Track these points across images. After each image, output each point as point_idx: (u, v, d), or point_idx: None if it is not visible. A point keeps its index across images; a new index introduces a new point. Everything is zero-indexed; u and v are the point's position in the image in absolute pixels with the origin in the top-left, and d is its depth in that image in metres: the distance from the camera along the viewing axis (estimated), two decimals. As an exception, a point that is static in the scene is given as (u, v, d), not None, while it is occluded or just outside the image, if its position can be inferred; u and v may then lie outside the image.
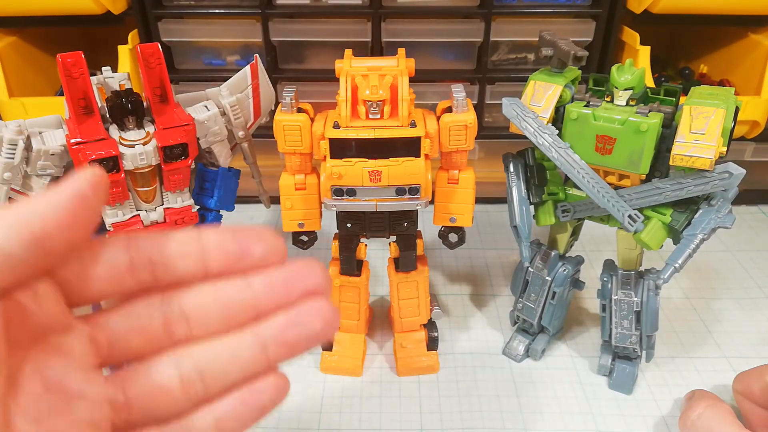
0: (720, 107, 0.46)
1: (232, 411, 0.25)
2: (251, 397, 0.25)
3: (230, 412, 0.25)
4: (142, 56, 0.49)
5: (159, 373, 0.24)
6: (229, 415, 0.25)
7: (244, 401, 0.25)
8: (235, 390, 0.25)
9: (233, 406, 0.25)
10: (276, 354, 0.25)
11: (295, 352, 0.25)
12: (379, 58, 0.54)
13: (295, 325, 0.25)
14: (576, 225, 0.60)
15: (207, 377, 0.25)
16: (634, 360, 0.58)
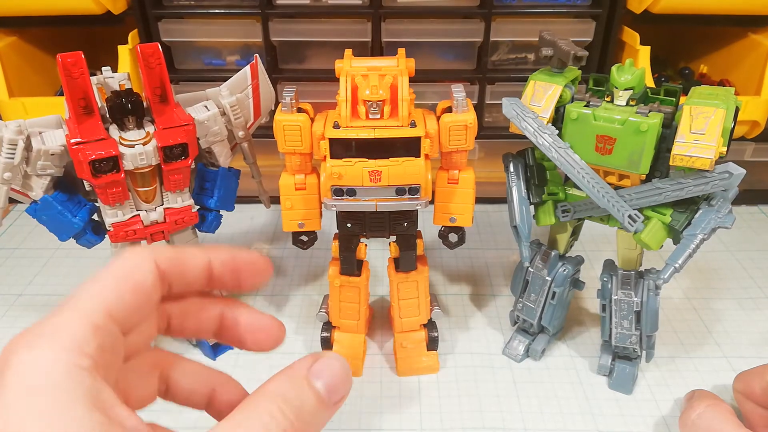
0: (720, 107, 0.46)
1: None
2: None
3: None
4: (142, 56, 0.49)
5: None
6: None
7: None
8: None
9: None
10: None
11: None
12: (379, 58, 0.54)
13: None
14: (576, 225, 0.60)
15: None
16: (634, 360, 0.58)
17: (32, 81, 0.81)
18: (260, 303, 0.70)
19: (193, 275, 0.27)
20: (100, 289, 0.23)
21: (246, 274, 0.29)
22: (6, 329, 0.66)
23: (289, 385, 0.24)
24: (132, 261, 0.25)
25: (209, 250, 0.28)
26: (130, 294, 0.24)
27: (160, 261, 0.25)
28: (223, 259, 0.28)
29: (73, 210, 0.53)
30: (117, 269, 0.24)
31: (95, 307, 0.23)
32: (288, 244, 0.59)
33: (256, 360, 0.62)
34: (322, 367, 0.24)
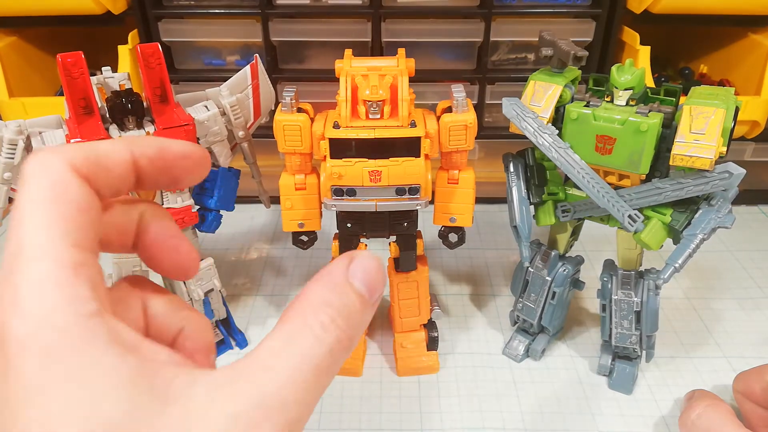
0: (720, 107, 0.46)
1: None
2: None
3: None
4: (142, 56, 0.49)
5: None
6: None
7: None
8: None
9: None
10: None
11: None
12: (379, 58, 0.54)
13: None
14: (576, 225, 0.60)
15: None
16: (634, 360, 0.58)
17: (32, 81, 0.81)
18: (260, 303, 0.70)
19: (117, 174, 0.22)
20: (46, 222, 0.19)
21: (180, 170, 0.25)
22: (6, 329, 0.66)
23: (331, 292, 0.22)
24: (51, 174, 0.20)
25: (131, 143, 0.23)
26: (78, 215, 0.20)
27: (78, 166, 0.21)
28: (150, 154, 0.23)
29: (73, 210, 0.53)
30: (42, 190, 0.20)
31: (58, 245, 0.19)
32: (288, 244, 0.59)
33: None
34: (358, 268, 0.23)
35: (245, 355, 0.20)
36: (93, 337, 0.18)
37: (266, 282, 0.74)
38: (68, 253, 0.19)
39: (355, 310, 0.22)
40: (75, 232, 0.20)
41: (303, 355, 0.20)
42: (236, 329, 0.64)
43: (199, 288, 0.59)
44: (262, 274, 0.76)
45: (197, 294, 0.58)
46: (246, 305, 0.70)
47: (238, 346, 0.64)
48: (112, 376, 0.18)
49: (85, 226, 0.20)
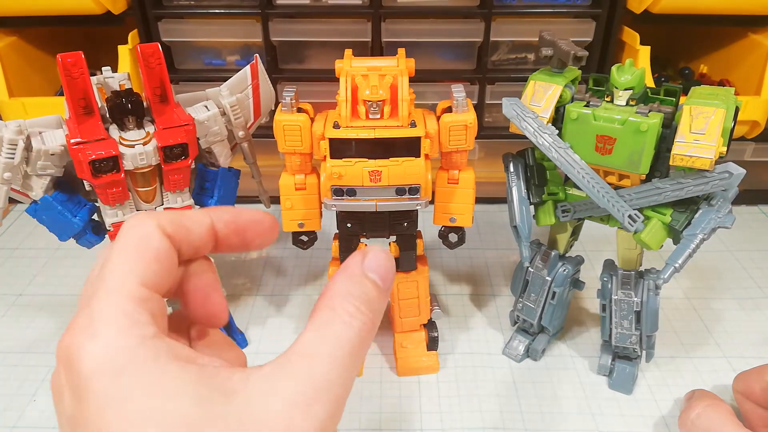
0: (720, 107, 0.46)
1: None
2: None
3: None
4: (142, 56, 0.49)
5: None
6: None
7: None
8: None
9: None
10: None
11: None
12: (379, 58, 0.54)
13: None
14: (576, 225, 0.60)
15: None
16: (634, 360, 0.58)
17: (32, 81, 0.81)
18: (260, 303, 0.70)
19: (198, 238, 0.27)
20: (126, 265, 0.24)
21: (251, 234, 0.29)
22: (6, 329, 0.66)
23: (351, 284, 0.26)
24: (141, 230, 0.25)
25: (210, 211, 0.28)
26: (154, 262, 0.24)
27: (165, 226, 0.25)
28: (226, 219, 0.28)
29: (73, 210, 0.53)
30: (130, 241, 0.25)
31: (130, 283, 0.23)
32: (288, 244, 0.59)
33: (255, 360, 0.62)
34: (372, 261, 0.26)
35: (287, 350, 0.23)
36: (156, 353, 0.21)
37: (266, 282, 0.74)
38: (137, 289, 0.23)
39: (373, 297, 0.26)
40: (148, 274, 0.24)
41: (338, 339, 0.24)
42: (236, 329, 0.64)
43: (199, 288, 0.58)
44: (262, 274, 0.76)
45: (197, 294, 0.58)
46: (246, 305, 0.70)
47: (238, 345, 0.63)
48: (178, 381, 0.21)
49: (158, 271, 0.24)
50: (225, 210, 0.28)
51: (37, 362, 0.62)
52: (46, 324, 0.67)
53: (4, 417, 0.55)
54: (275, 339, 0.65)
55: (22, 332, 0.66)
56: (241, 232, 0.28)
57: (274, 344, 0.64)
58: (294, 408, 0.21)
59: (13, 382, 0.59)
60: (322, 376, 0.22)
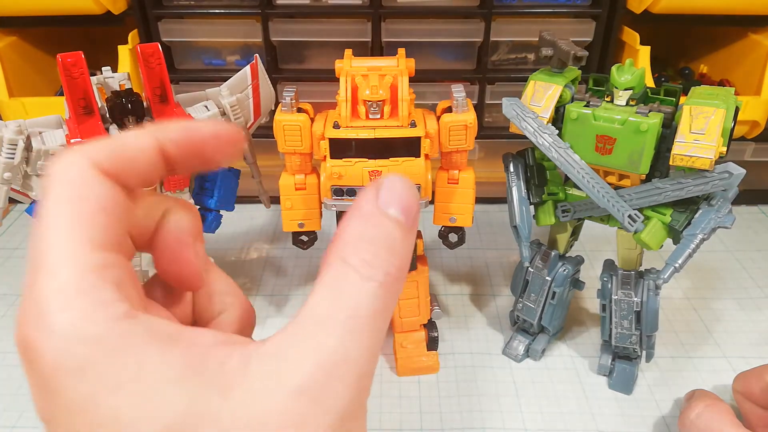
0: (720, 107, 0.46)
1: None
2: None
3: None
4: (142, 56, 0.49)
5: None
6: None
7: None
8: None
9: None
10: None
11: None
12: (379, 58, 0.54)
13: None
14: (576, 225, 0.60)
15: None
16: (634, 360, 0.58)
17: (32, 81, 0.81)
18: (260, 303, 0.70)
19: (144, 163, 0.21)
20: (66, 226, 0.18)
21: (211, 150, 0.23)
22: (6, 329, 0.66)
23: (365, 225, 0.20)
24: (72, 174, 0.19)
25: (156, 131, 0.22)
26: (100, 214, 0.19)
27: (101, 162, 0.20)
28: (175, 138, 0.22)
29: (73, 210, 0.53)
30: (63, 191, 0.19)
31: (79, 249, 0.18)
32: (288, 244, 0.59)
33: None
34: (388, 194, 0.21)
35: (294, 317, 0.19)
36: (129, 339, 0.17)
37: (266, 282, 0.74)
38: (90, 257, 0.18)
39: (395, 237, 0.21)
40: (98, 233, 0.19)
41: (354, 299, 0.19)
42: (236, 329, 0.64)
43: (199, 288, 0.58)
44: (262, 274, 0.76)
45: (197, 294, 0.58)
46: (246, 305, 0.70)
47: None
48: (161, 373, 0.17)
49: (109, 225, 0.19)
50: (173, 127, 0.22)
51: (37, 362, 0.62)
52: (46, 324, 0.67)
53: (4, 417, 0.55)
54: (275, 339, 0.65)
55: (22, 332, 0.66)
56: (198, 151, 0.23)
57: (274, 344, 0.64)
58: (302, 397, 0.17)
59: (13, 382, 0.59)
60: (339, 350, 0.18)
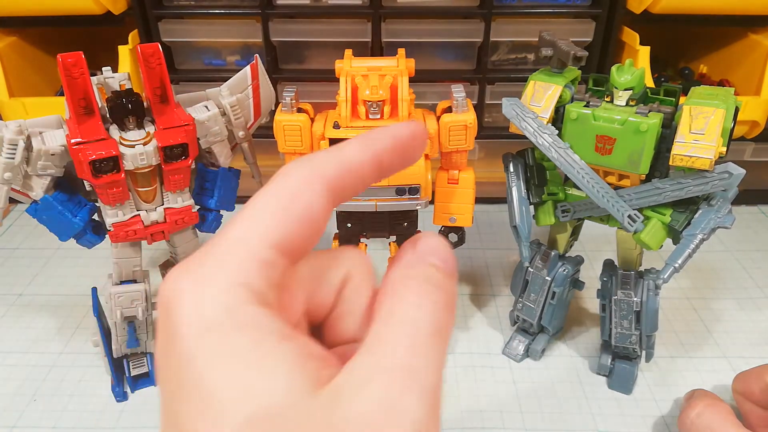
0: (720, 107, 0.46)
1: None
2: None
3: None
4: (142, 56, 0.49)
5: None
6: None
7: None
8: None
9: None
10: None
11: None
12: (379, 59, 0.55)
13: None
14: (576, 225, 0.60)
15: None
16: (634, 360, 0.58)
17: (32, 81, 0.81)
18: (260, 303, 0.70)
19: (363, 180, 0.23)
20: (264, 218, 0.20)
21: (409, 153, 0.24)
22: (6, 329, 0.66)
23: (408, 269, 0.22)
24: (293, 182, 0.21)
25: (370, 143, 0.23)
26: (298, 223, 0.20)
27: (330, 178, 0.21)
28: (389, 147, 0.23)
29: (74, 210, 0.53)
30: (280, 191, 0.21)
31: (260, 241, 0.20)
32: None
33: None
34: (426, 246, 0.23)
35: (362, 346, 0.19)
36: (254, 324, 0.18)
37: (266, 282, 0.74)
38: (265, 251, 0.20)
39: (438, 279, 0.23)
40: (285, 236, 0.20)
41: (411, 322, 0.20)
42: (236, 329, 0.64)
43: (199, 288, 0.58)
44: (262, 274, 0.76)
45: (197, 294, 0.58)
46: (246, 305, 0.70)
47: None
48: (272, 359, 0.18)
49: (299, 236, 0.21)
50: (383, 137, 0.23)
51: (37, 362, 0.62)
52: (46, 324, 0.67)
53: (4, 417, 0.55)
54: (275, 339, 0.65)
55: (22, 332, 0.66)
56: (403, 154, 0.24)
57: (274, 344, 0.64)
58: (383, 407, 0.18)
59: (13, 382, 0.59)
60: (405, 366, 0.19)
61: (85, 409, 0.56)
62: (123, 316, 0.55)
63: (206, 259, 0.20)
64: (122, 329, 0.56)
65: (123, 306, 0.55)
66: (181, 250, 0.58)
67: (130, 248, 0.55)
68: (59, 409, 0.56)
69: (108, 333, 0.58)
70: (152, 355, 0.59)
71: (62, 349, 0.63)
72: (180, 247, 0.58)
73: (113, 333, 0.57)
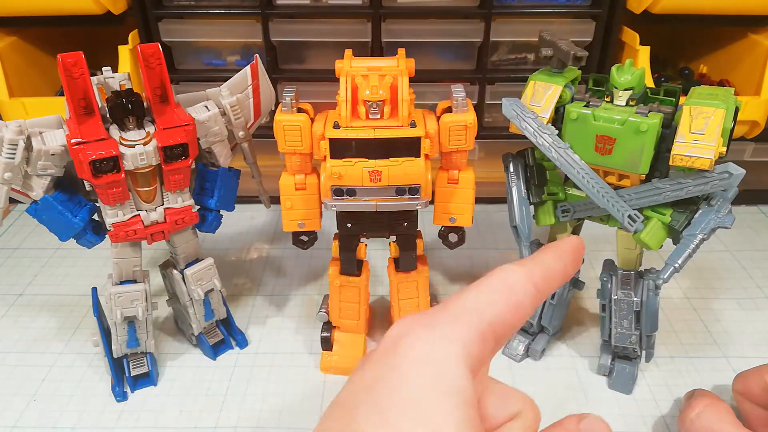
0: (720, 107, 0.46)
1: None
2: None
3: None
4: (142, 56, 0.49)
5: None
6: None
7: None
8: None
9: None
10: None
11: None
12: (379, 59, 0.54)
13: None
14: (576, 225, 0.60)
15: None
16: (634, 360, 0.58)
17: (32, 81, 0.81)
18: (260, 302, 0.70)
19: (555, 286, 0.27)
20: (483, 303, 0.24)
21: (573, 265, 0.28)
22: (6, 329, 0.66)
23: None
24: (512, 279, 0.25)
25: (559, 255, 0.27)
26: (509, 312, 0.24)
27: (537, 281, 0.25)
28: (573, 260, 0.28)
29: (74, 210, 0.53)
30: (500, 283, 0.25)
31: (481, 319, 0.24)
32: (288, 244, 0.59)
33: (255, 360, 0.62)
34: (588, 425, 0.28)
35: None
36: (464, 387, 0.22)
37: (266, 282, 0.74)
38: (483, 324, 0.24)
39: None
40: (497, 316, 0.24)
41: None
42: (236, 329, 0.64)
43: (199, 288, 0.59)
44: (262, 274, 0.76)
45: (197, 294, 0.58)
46: (246, 305, 0.70)
47: (238, 346, 0.64)
48: (454, 412, 0.21)
49: (507, 317, 0.25)
50: (563, 249, 0.28)
51: (37, 362, 0.62)
52: (46, 324, 0.67)
53: (4, 417, 0.55)
54: (275, 339, 0.65)
55: (22, 332, 0.66)
56: (578, 261, 0.28)
57: (274, 344, 0.64)
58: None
59: (13, 382, 0.59)
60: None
61: (85, 409, 0.56)
62: (123, 316, 0.55)
63: (441, 314, 0.23)
64: (122, 329, 0.56)
65: (123, 306, 0.55)
66: (181, 250, 0.58)
67: (130, 248, 0.55)
68: (59, 409, 0.56)
69: (108, 333, 0.58)
70: (152, 355, 0.59)
71: (62, 349, 0.63)
72: (180, 247, 0.58)
73: (113, 333, 0.57)
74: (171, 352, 0.63)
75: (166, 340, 0.65)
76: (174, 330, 0.66)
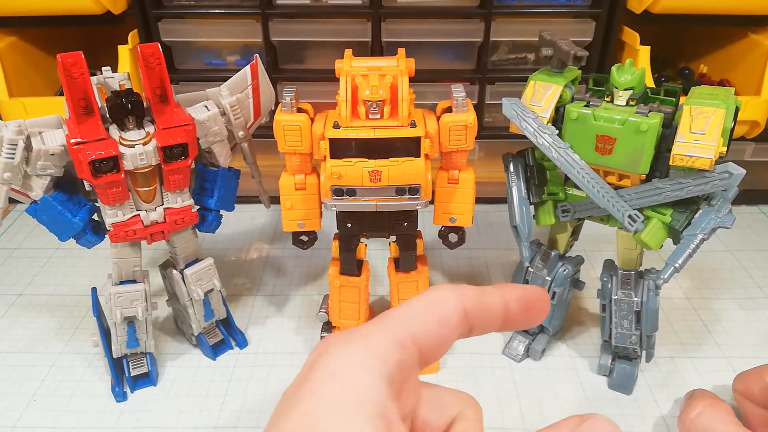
0: (720, 107, 0.46)
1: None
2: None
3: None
4: (142, 56, 0.49)
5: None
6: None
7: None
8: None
9: None
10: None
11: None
12: (379, 58, 0.54)
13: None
14: (576, 225, 0.60)
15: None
16: (634, 360, 0.58)
17: (32, 81, 0.81)
18: (260, 303, 0.70)
19: (491, 319, 0.28)
20: (408, 313, 0.25)
21: (533, 312, 0.28)
22: (6, 329, 0.66)
23: None
24: (442, 294, 0.26)
25: (504, 291, 0.28)
26: (434, 324, 0.26)
27: (466, 302, 0.26)
28: (518, 296, 0.28)
29: (73, 210, 0.53)
30: (429, 296, 0.26)
31: (402, 328, 0.24)
32: (288, 244, 0.59)
33: (255, 360, 0.62)
34: (589, 428, 0.27)
35: None
36: (370, 388, 0.22)
37: (266, 282, 0.74)
38: (404, 336, 0.24)
39: None
40: (422, 330, 0.25)
41: None
42: (236, 329, 0.64)
43: (199, 288, 0.59)
44: (262, 274, 0.76)
45: (197, 294, 0.58)
46: (246, 305, 0.70)
47: (238, 346, 0.64)
48: (363, 421, 0.21)
49: (433, 334, 0.26)
50: (512, 288, 0.28)
51: (37, 362, 0.62)
52: (46, 324, 0.67)
53: (4, 417, 0.55)
54: (275, 339, 0.65)
55: (22, 332, 0.66)
56: (530, 309, 0.28)
57: (274, 344, 0.64)
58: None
59: (13, 382, 0.59)
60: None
61: (85, 409, 0.56)
62: (123, 316, 0.55)
63: (361, 328, 0.24)
64: (122, 329, 0.56)
65: (123, 306, 0.55)
66: (181, 250, 0.58)
67: (130, 248, 0.55)
68: (59, 409, 0.56)
69: (108, 333, 0.58)
70: (152, 355, 0.59)
71: (62, 349, 0.63)
72: (179, 247, 0.58)
73: (113, 333, 0.57)
74: (171, 352, 0.63)
75: (166, 340, 0.64)
76: (174, 330, 0.66)
